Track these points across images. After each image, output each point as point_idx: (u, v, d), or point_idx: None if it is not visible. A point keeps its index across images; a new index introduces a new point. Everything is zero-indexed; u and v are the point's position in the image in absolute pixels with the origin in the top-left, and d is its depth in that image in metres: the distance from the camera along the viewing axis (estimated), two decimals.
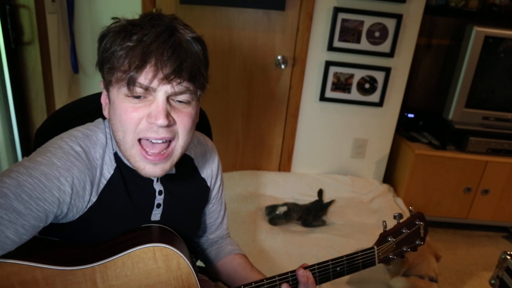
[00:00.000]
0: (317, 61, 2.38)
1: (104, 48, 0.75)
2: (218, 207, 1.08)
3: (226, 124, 2.55)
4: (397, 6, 2.27)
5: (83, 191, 0.78)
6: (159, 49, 0.71)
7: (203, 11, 2.30)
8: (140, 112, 0.74)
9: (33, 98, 1.86)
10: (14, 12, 1.71)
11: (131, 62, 0.71)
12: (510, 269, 1.14)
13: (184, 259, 0.85)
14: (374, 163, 2.67)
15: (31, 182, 0.71)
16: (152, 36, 0.71)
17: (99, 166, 0.81)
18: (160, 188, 0.90)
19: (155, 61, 0.70)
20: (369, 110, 2.51)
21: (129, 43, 0.71)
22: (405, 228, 0.97)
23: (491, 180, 2.51)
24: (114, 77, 0.74)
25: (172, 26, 0.74)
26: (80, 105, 1.02)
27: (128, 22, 0.75)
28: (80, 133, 0.81)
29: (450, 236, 2.65)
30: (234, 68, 2.43)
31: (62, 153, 0.76)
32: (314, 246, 1.99)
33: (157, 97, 0.73)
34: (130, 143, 0.76)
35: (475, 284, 2.23)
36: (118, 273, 0.81)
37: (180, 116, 0.76)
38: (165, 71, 0.71)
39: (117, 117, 0.76)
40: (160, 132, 0.75)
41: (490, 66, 2.36)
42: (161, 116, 0.72)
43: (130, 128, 0.75)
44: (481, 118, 2.46)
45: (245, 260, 1.07)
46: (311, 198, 2.34)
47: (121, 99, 0.75)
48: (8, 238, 0.69)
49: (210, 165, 1.01)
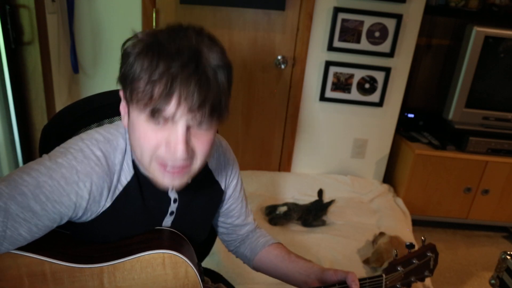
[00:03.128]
0: (317, 61, 2.38)
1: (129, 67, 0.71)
2: (238, 205, 1.06)
3: (226, 124, 2.55)
4: (397, 6, 2.27)
5: (99, 197, 0.78)
6: (183, 81, 0.68)
7: (203, 11, 2.30)
8: (159, 137, 0.72)
9: (33, 98, 1.86)
10: (14, 12, 1.71)
11: (155, 92, 0.68)
12: (510, 269, 1.14)
13: (192, 268, 0.85)
14: (374, 163, 2.67)
15: (51, 184, 0.71)
16: (177, 66, 0.67)
17: (117, 172, 0.80)
18: (175, 197, 0.89)
19: (179, 94, 0.68)
20: (369, 110, 2.51)
21: (155, 73, 0.68)
22: (415, 259, 0.96)
23: (491, 180, 2.51)
24: (136, 100, 0.71)
25: (197, 50, 0.70)
26: (82, 105, 1.02)
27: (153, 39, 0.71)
28: (102, 136, 0.80)
29: (450, 236, 2.65)
30: (234, 68, 2.42)
31: (83, 157, 0.75)
32: (314, 246, 1.99)
33: (177, 128, 0.71)
34: (147, 162, 0.75)
35: (475, 284, 2.23)
36: (126, 276, 0.82)
37: (200, 143, 0.75)
38: (188, 104, 0.69)
39: (135, 137, 0.75)
40: (178, 161, 0.73)
41: (490, 66, 2.36)
42: (179, 148, 0.71)
43: (148, 151, 0.74)
44: (481, 118, 2.46)
45: (280, 250, 1.04)
46: (311, 198, 2.34)
47: (140, 122, 0.72)
48: (21, 236, 0.70)
49: (225, 167, 1.00)
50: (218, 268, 1.54)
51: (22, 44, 1.77)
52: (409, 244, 0.95)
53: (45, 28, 1.85)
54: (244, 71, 2.44)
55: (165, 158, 0.73)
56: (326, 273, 0.91)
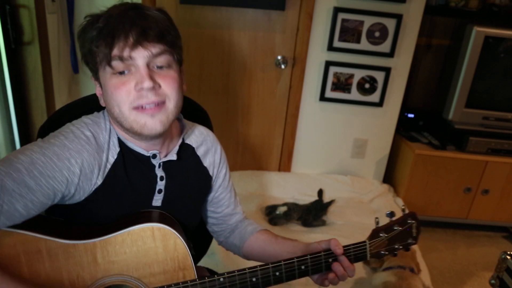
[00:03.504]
0: (317, 61, 2.38)
1: (82, 41, 0.82)
2: (227, 195, 1.10)
3: (226, 124, 2.55)
4: (397, 6, 2.27)
5: (91, 174, 0.83)
6: (122, 21, 0.77)
7: (203, 11, 2.30)
8: (127, 85, 0.79)
9: (33, 98, 1.86)
10: (14, 12, 1.71)
11: (103, 40, 0.77)
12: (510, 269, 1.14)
13: (181, 240, 0.88)
14: (374, 163, 2.67)
15: (43, 160, 0.76)
16: (115, 14, 0.79)
17: (105, 150, 0.85)
18: (162, 174, 0.93)
19: (121, 32, 0.77)
20: (369, 110, 2.51)
21: (99, 24, 0.78)
22: (397, 226, 0.98)
23: (491, 180, 2.51)
24: (97, 62, 0.80)
25: (135, 5, 0.81)
26: (80, 104, 1.04)
27: (95, 14, 0.81)
28: (90, 120, 0.87)
29: (450, 236, 2.65)
30: (234, 68, 2.43)
31: (74, 137, 0.82)
32: None
33: (138, 65, 0.79)
34: (127, 113, 0.81)
35: (475, 284, 2.24)
36: (118, 250, 0.85)
37: (165, 79, 0.82)
38: (132, 36, 0.77)
39: (109, 95, 0.82)
40: (150, 96, 0.80)
41: (490, 66, 2.36)
42: (145, 79, 0.78)
43: (123, 100, 0.80)
44: (481, 118, 2.46)
45: (267, 234, 1.09)
46: (311, 198, 2.34)
47: (108, 78, 0.81)
48: (17, 211, 0.73)
49: (213, 155, 1.04)
50: (218, 268, 1.54)
51: (22, 44, 1.77)
52: (389, 212, 0.97)
53: (45, 28, 1.85)
54: (244, 71, 2.44)
55: (138, 99, 0.80)
56: (310, 246, 0.96)
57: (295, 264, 0.91)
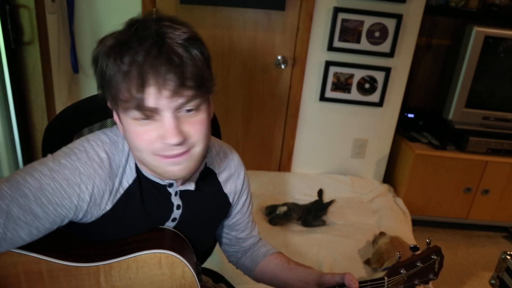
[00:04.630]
0: (317, 61, 2.38)
1: (100, 72, 0.71)
2: (245, 220, 1.05)
3: (226, 124, 2.55)
4: (397, 6, 2.27)
5: (100, 200, 0.78)
6: (153, 67, 0.65)
7: (203, 11, 2.30)
8: (151, 134, 0.71)
9: (33, 98, 1.86)
10: (14, 12, 1.71)
11: (131, 87, 0.67)
12: (510, 269, 1.14)
13: (189, 268, 0.84)
14: (374, 163, 2.67)
15: (53, 187, 0.71)
16: (143, 54, 0.66)
17: (119, 174, 0.80)
18: (179, 203, 0.88)
19: (154, 81, 0.66)
20: (369, 110, 2.51)
21: (123, 67, 0.66)
22: (419, 262, 0.94)
23: (491, 180, 2.51)
24: (118, 102, 0.70)
25: (160, 33, 0.68)
26: (86, 105, 1.02)
27: (115, 40, 0.69)
28: (108, 138, 0.80)
29: (450, 236, 2.65)
30: (234, 68, 2.43)
31: (87, 159, 0.75)
32: (314, 246, 1.99)
33: (164, 115, 0.69)
34: (147, 158, 0.74)
35: (475, 284, 2.23)
36: (122, 275, 0.82)
37: (193, 126, 0.72)
38: (168, 88, 0.66)
39: (130, 140, 0.74)
40: (175, 150, 0.72)
41: (490, 66, 2.36)
42: (172, 135, 0.69)
43: (145, 149, 0.73)
44: (481, 118, 2.46)
45: (280, 259, 1.03)
46: (311, 198, 2.34)
47: (130, 123, 0.72)
48: (21, 238, 0.70)
49: (235, 181, 0.97)
50: (218, 267, 1.54)
51: (22, 44, 1.77)
52: (413, 246, 0.93)
53: (45, 28, 1.85)
54: (244, 71, 2.44)
55: (163, 151, 0.72)
56: (324, 277, 0.91)
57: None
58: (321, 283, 0.91)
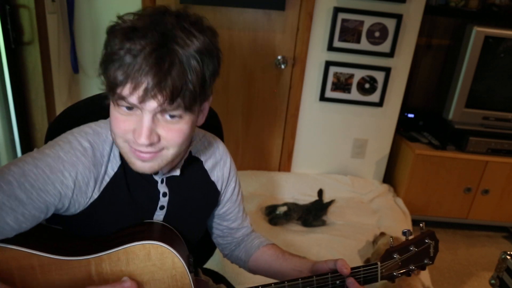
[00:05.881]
0: (317, 61, 2.38)
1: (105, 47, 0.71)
2: (235, 209, 1.05)
3: (226, 124, 2.54)
4: (397, 6, 2.27)
5: (86, 187, 0.79)
6: (140, 64, 0.66)
7: (203, 11, 2.30)
8: (127, 125, 0.72)
9: (33, 98, 1.86)
10: (14, 12, 1.71)
11: (117, 75, 0.67)
12: (510, 269, 1.14)
13: (179, 258, 0.85)
14: (374, 163, 2.67)
15: (35, 172, 0.72)
16: (139, 47, 0.66)
17: (104, 163, 0.81)
18: (165, 190, 0.89)
19: (133, 76, 0.66)
20: (369, 110, 2.51)
21: (121, 52, 0.67)
22: (413, 246, 0.93)
23: (491, 180, 2.51)
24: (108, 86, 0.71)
25: (168, 35, 0.67)
26: (86, 105, 1.02)
27: (131, 24, 0.69)
28: (91, 129, 0.82)
29: (450, 236, 2.65)
30: (234, 68, 2.43)
31: (70, 148, 0.77)
32: (314, 246, 1.99)
33: (143, 114, 0.70)
34: (121, 144, 0.76)
35: (475, 284, 2.24)
36: (113, 267, 0.82)
37: (169, 132, 0.73)
38: (148, 91, 0.66)
39: (111, 121, 0.76)
40: (144, 148, 0.73)
41: (490, 66, 2.36)
42: (142, 135, 0.70)
43: (119, 135, 0.74)
44: (481, 118, 2.46)
45: (274, 249, 1.04)
46: (311, 198, 2.34)
47: (113, 107, 0.73)
48: (8, 225, 0.70)
49: (221, 168, 0.99)
50: (218, 267, 1.54)
51: (22, 44, 1.77)
52: (406, 231, 0.92)
53: (45, 28, 1.85)
54: (244, 71, 2.44)
55: (133, 144, 0.73)
56: (317, 265, 0.92)
57: (299, 285, 0.88)
58: (315, 271, 0.92)
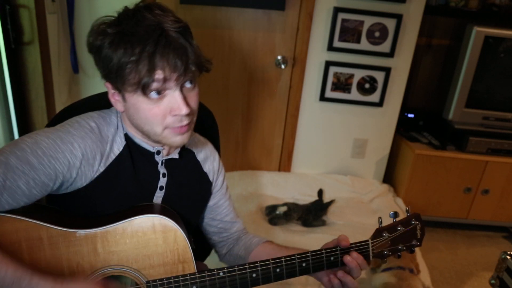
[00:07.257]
0: (317, 61, 2.38)
1: (106, 60, 0.80)
2: (226, 202, 1.12)
3: (226, 124, 2.55)
4: (397, 6, 2.27)
5: (93, 160, 0.85)
6: (163, 55, 0.77)
7: (203, 11, 2.30)
8: (162, 108, 0.82)
9: (33, 98, 1.86)
10: (14, 12, 1.71)
11: (141, 72, 0.77)
12: (510, 269, 1.14)
13: (181, 232, 0.89)
14: (374, 163, 2.67)
15: (47, 142, 0.80)
16: (152, 44, 0.77)
17: (109, 141, 0.88)
18: (164, 171, 0.95)
19: (163, 67, 0.78)
20: (369, 110, 2.51)
21: (135, 56, 0.77)
22: (400, 226, 0.98)
23: (491, 180, 2.51)
24: (128, 85, 0.80)
25: (158, 24, 0.79)
26: (85, 104, 1.03)
27: (119, 31, 0.79)
28: (96, 113, 0.90)
29: (450, 236, 2.65)
30: (234, 68, 2.43)
31: (78, 126, 0.85)
32: (314, 246, 1.98)
33: (173, 92, 0.81)
34: (159, 131, 0.84)
35: (475, 284, 2.24)
36: (118, 240, 0.86)
37: (193, 99, 0.86)
38: (177, 72, 0.79)
39: (141, 117, 0.83)
40: (185, 120, 0.84)
41: (490, 66, 2.36)
42: (183, 107, 0.81)
43: (157, 123, 0.83)
44: (481, 118, 2.46)
45: (276, 244, 1.09)
46: (311, 198, 2.34)
47: (141, 101, 0.81)
48: (19, 188, 0.76)
49: (212, 162, 1.07)
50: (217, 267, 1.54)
51: (22, 44, 1.77)
52: (393, 213, 0.97)
53: (45, 28, 1.85)
54: (244, 71, 2.44)
55: (174, 123, 0.83)
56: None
57: (295, 260, 0.92)
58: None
